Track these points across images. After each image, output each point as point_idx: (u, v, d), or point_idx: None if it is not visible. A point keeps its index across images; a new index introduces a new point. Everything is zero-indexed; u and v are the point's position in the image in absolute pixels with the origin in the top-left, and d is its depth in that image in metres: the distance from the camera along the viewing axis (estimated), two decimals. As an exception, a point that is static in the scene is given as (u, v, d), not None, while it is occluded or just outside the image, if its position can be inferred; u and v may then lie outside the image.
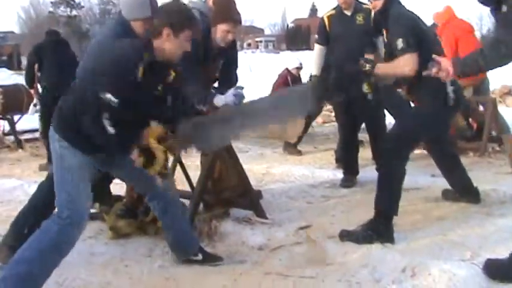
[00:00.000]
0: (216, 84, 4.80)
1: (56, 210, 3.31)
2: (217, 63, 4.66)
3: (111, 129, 3.12)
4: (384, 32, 4.51)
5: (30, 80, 7.73)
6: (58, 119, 3.34)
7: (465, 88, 7.24)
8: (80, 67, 4.06)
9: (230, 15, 4.47)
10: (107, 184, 4.77)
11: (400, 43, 4.20)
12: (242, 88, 4.33)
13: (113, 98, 3.09)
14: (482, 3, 3.41)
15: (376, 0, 4.50)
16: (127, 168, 3.54)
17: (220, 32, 4.46)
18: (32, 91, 8.15)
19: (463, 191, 5.02)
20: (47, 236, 3.19)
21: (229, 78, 4.71)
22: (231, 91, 4.19)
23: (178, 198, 3.89)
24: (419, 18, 4.49)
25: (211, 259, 3.90)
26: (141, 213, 4.36)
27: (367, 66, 4.39)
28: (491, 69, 3.47)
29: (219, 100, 4.11)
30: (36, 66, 7.48)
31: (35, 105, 8.19)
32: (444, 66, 3.38)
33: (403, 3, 4.54)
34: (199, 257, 3.87)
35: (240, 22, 4.56)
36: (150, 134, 3.38)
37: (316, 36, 6.30)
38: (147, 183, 3.63)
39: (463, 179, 5.03)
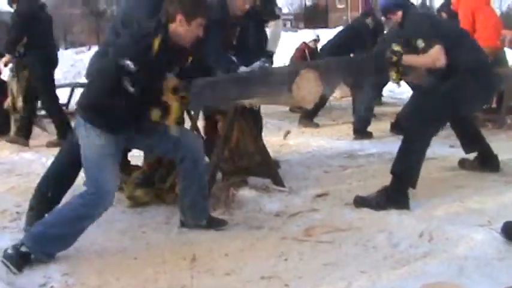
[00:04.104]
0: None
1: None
2: (234, 30, 4.66)
3: (131, 89, 3.29)
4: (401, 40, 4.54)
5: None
6: (82, 103, 3.59)
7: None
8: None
9: None
10: (125, 154, 4.78)
11: (421, 42, 4.26)
12: (267, 61, 4.37)
13: (131, 65, 3.26)
14: None
15: (394, 15, 4.59)
16: (152, 139, 3.70)
17: (238, 0, 4.46)
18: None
19: (482, 158, 4.99)
20: (74, 207, 3.45)
21: (245, 46, 4.72)
22: (257, 63, 4.21)
23: (203, 158, 3.91)
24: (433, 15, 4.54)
25: (216, 223, 3.91)
26: (158, 180, 4.38)
27: (394, 58, 4.39)
28: None
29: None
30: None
31: (11, 70, 7.88)
32: None
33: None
34: (204, 222, 3.88)
35: None
36: (166, 86, 3.45)
37: None
38: (175, 146, 3.72)
39: (483, 147, 5.00)
